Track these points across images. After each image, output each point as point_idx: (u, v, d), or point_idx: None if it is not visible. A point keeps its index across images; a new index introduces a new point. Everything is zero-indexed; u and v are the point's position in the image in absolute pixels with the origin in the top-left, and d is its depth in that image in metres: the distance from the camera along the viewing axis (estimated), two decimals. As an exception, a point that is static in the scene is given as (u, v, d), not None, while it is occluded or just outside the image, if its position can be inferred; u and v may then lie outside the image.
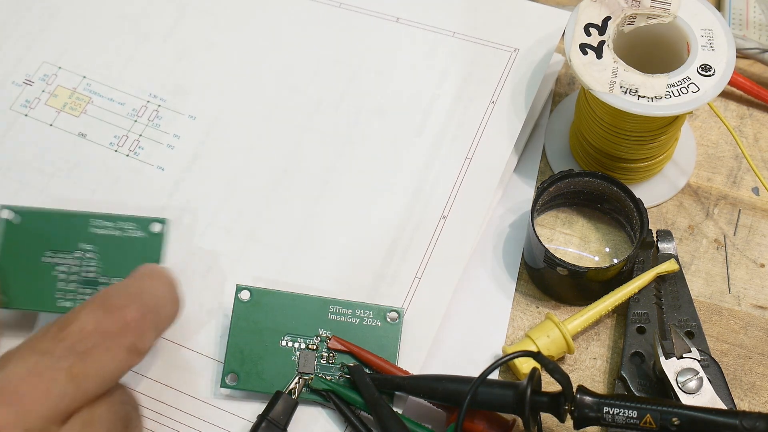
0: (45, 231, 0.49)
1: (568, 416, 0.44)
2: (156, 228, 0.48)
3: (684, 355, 0.47)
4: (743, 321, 0.52)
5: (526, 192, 0.56)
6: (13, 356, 0.38)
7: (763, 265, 0.54)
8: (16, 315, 0.50)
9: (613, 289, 0.51)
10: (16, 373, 0.36)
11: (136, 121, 0.57)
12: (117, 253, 0.48)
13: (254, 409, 0.47)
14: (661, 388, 0.48)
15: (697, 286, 0.53)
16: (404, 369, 0.48)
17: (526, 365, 0.49)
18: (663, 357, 0.47)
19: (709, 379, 0.46)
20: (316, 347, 0.48)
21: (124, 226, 0.49)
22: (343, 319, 0.49)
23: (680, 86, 0.49)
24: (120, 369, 0.39)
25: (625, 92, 0.49)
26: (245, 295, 0.49)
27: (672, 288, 0.51)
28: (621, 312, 0.52)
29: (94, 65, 0.59)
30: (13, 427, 0.35)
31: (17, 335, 0.50)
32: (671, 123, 0.52)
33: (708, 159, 0.58)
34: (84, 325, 0.38)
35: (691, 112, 0.50)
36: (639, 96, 0.49)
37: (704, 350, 0.49)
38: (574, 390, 0.44)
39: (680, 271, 0.52)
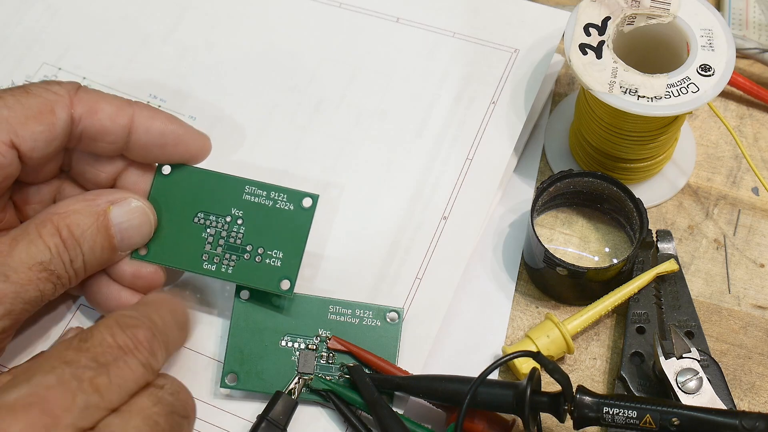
0: (199, 191, 0.48)
1: (568, 416, 0.44)
2: (307, 203, 0.48)
3: (684, 355, 0.47)
4: (743, 321, 0.52)
5: (526, 192, 0.56)
6: (40, 366, 0.38)
7: (762, 265, 0.54)
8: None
9: (612, 289, 0.51)
10: (44, 382, 0.37)
11: (136, 121, 0.57)
12: (265, 222, 0.48)
13: (254, 409, 0.47)
14: (660, 388, 0.48)
15: (696, 286, 0.53)
16: (404, 369, 0.48)
17: (525, 365, 0.49)
18: (663, 357, 0.47)
19: (708, 379, 0.46)
20: (316, 347, 0.48)
21: (275, 197, 0.48)
22: (342, 319, 0.49)
23: (680, 86, 0.49)
24: (137, 383, 0.39)
25: (625, 92, 0.49)
26: (245, 295, 0.49)
27: (672, 288, 0.51)
28: (621, 312, 0.52)
29: (94, 66, 0.59)
30: None
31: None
32: (671, 123, 0.52)
33: (708, 159, 0.58)
34: (105, 339, 0.39)
35: (691, 112, 0.50)
36: (639, 96, 0.49)
37: (704, 350, 0.49)
38: (574, 390, 0.44)
39: (680, 271, 0.52)
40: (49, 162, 0.47)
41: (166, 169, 0.48)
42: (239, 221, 0.48)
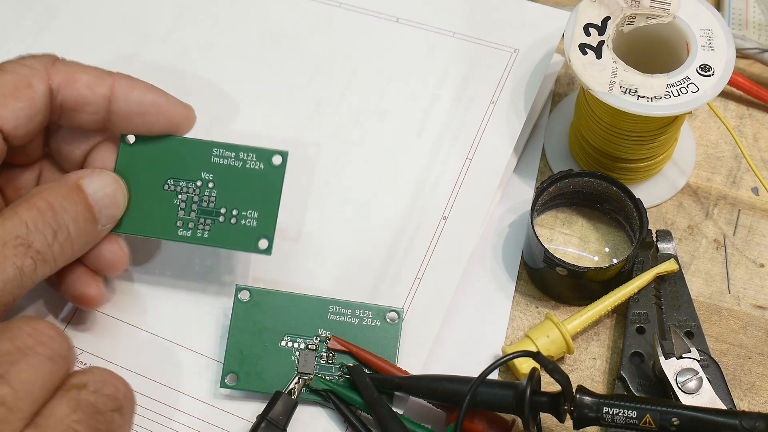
0: (166, 157, 0.48)
1: (568, 416, 0.44)
2: (276, 160, 0.47)
3: (683, 355, 0.47)
4: (743, 321, 0.52)
5: (525, 192, 0.56)
6: None
7: (762, 265, 0.54)
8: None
9: (612, 289, 0.51)
10: None
11: (136, 121, 0.57)
12: (236, 183, 0.47)
13: (254, 409, 0.47)
14: (660, 388, 0.48)
15: (696, 286, 0.53)
16: (404, 369, 0.48)
17: (525, 365, 0.49)
18: (662, 357, 0.47)
19: (708, 379, 0.46)
20: (316, 347, 0.48)
21: (244, 157, 0.48)
22: (342, 319, 0.49)
23: (680, 86, 0.49)
24: (48, 382, 0.35)
25: (625, 92, 0.49)
26: (245, 296, 0.49)
27: (671, 288, 0.51)
28: (621, 312, 0.52)
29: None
30: None
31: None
32: (671, 123, 0.52)
33: (707, 159, 0.58)
34: (2, 347, 0.35)
35: (691, 112, 0.50)
36: (638, 96, 0.49)
37: (704, 350, 0.49)
38: (574, 390, 0.44)
39: (680, 271, 0.52)
40: (33, 140, 0.46)
41: (131, 138, 0.48)
42: (210, 185, 0.48)
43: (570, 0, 0.64)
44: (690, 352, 0.47)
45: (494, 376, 0.50)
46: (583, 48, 0.51)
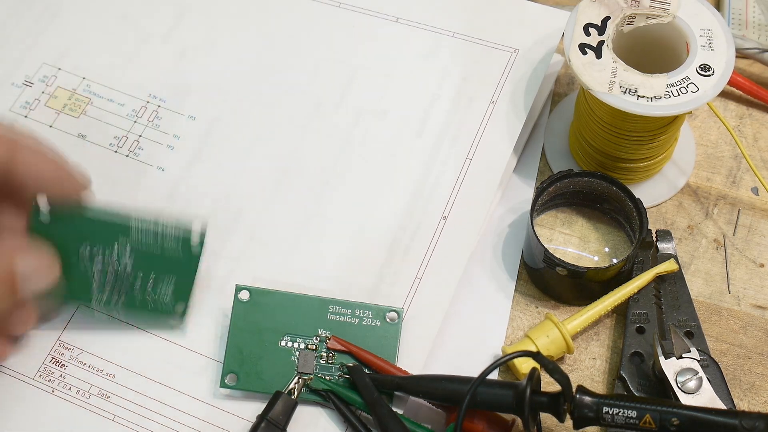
0: (82, 226, 0.48)
1: (568, 416, 0.44)
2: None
3: (683, 355, 0.47)
4: (743, 321, 0.52)
5: (525, 192, 0.56)
6: None
7: (762, 265, 0.54)
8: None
9: (612, 289, 0.51)
10: None
11: (135, 121, 0.57)
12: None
13: (254, 409, 0.47)
14: (660, 388, 0.48)
15: (696, 286, 0.53)
16: (404, 369, 0.48)
17: (525, 365, 0.49)
18: (662, 357, 0.47)
19: (708, 379, 0.46)
20: (316, 347, 0.48)
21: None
22: (342, 319, 0.49)
23: (680, 86, 0.49)
24: None
25: (625, 92, 0.49)
26: (245, 295, 0.49)
27: (671, 288, 0.51)
28: (620, 312, 0.52)
29: (94, 66, 0.59)
30: None
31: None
32: (671, 123, 0.52)
33: (707, 159, 0.58)
34: None
35: (691, 112, 0.50)
36: (638, 96, 0.49)
37: (704, 350, 0.49)
38: (574, 390, 0.44)
39: (680, 271, 0.52)
40: None
41: (45, 218, 0.48)
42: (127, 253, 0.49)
43: (570, 0, 0.64)
44: (690, 352, 0.47)
45: (494, 376, 0.50)
46: (583, 48, 0.51)
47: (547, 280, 0.52)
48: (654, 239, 0.53)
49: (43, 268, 0.46)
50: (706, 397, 0.46)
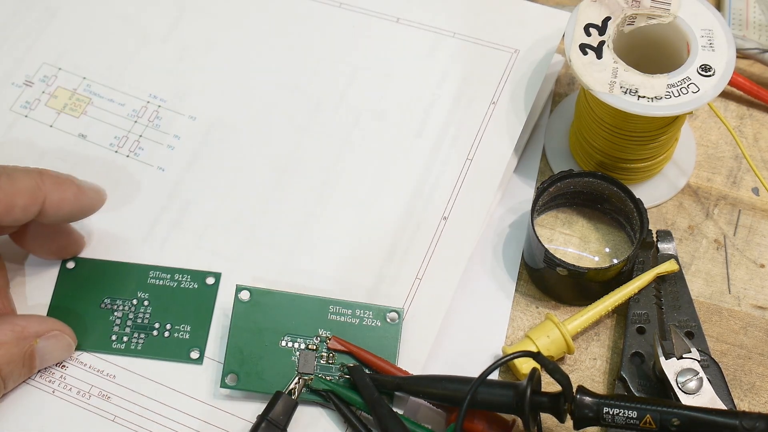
0: (104, 278, 0.51)
1: (568, 416, 0.44)
2: (210, 281, 0.50)
3: (684, 356, 0.47)
4: (743, 321, 0.52)
5: (526, 192, 0.56)
6: None
7: (763, 266, 0.54)
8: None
9: (612, 290, 0.51)
10: None
11: (136, 121, 0.57)
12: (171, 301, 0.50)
13: (254, 409, 0.47)
14: (661, 389, 0.48)
15: (697, 287, 0.53)
16: (404, 369, 0.48)
17: (526, 365, 0.49)
18: (663, 357, 0.47)
19: (709, 380, 0.46)
20: (316, 347, 0.48)
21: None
22: (342, 319, 0.49)
23: (680, 86, 0.49)
24: None
25: (625, 92, 0.49)
26: (245, 295, 0.49)
27: (672, 288, 0.51)
28: (621, 312, 0.52)
29: (94, 66, 0.59)
30: None
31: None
32: (671, 123, 0.52)
33: (708, 159, 0.58)
34: None
35: (691, 113, 0.50)
36: (639, 96, 0.49)
37: (704, 350, 0.49)
38: (574, 390, 0.44)
39: (680, 271, 0.52)
40: None
41: (70, 264, 0.51)
42: (146, 303, 0.50)
43: (570, 0, 0.64)
44: (690, 352, 0.47)
45: (494, 376, 0.50)
46: (583, 48, 0.51)
47: (547, 281, 0.52)
48: (654, 239, 0.53)
49: (61, 348, 0.48)
50: (706, 398, 0.46)
